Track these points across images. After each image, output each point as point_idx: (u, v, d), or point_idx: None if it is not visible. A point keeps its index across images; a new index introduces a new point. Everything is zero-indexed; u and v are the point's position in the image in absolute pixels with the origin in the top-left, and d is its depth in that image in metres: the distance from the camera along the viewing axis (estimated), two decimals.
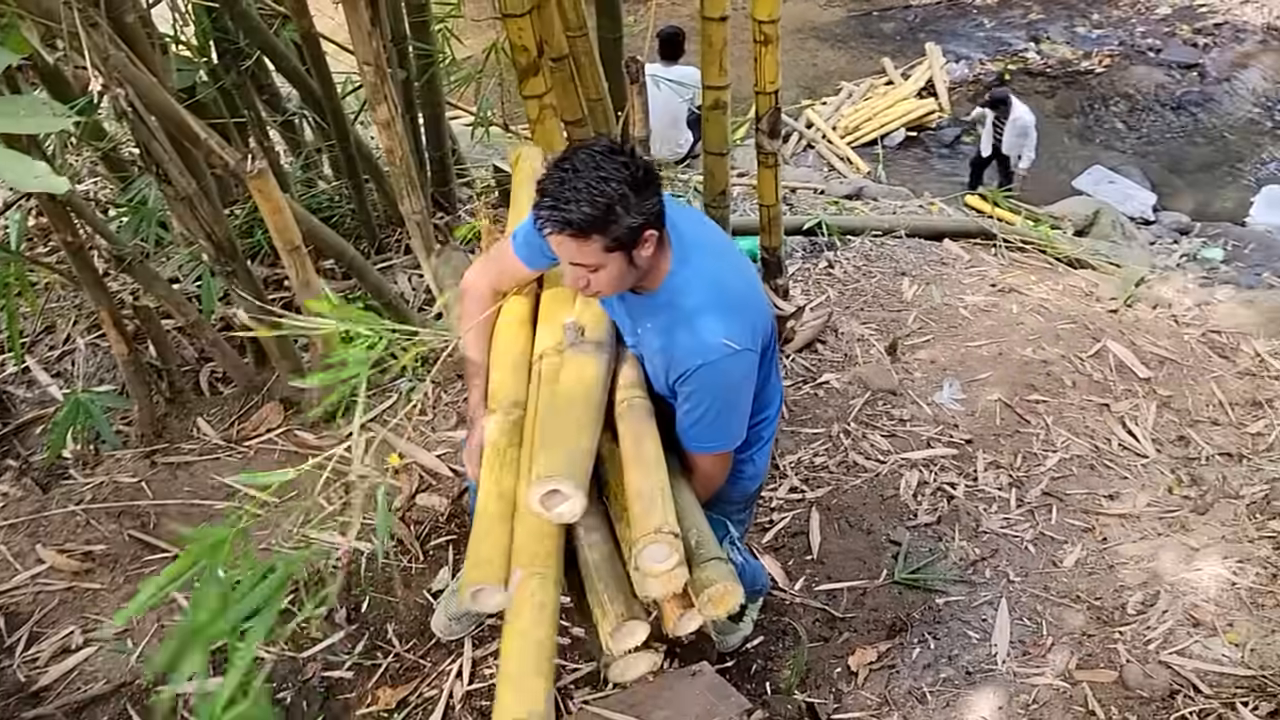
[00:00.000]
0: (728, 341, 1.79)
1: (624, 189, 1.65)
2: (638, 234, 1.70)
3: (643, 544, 1.60)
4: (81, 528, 2.63)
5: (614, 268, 1.73)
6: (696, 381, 1.82)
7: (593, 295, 1.84)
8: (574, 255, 1.70)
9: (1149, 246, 7.42)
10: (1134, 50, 9.70)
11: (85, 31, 2.11)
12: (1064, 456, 3.62)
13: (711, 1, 3.57)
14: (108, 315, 2.66)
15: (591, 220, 1.64)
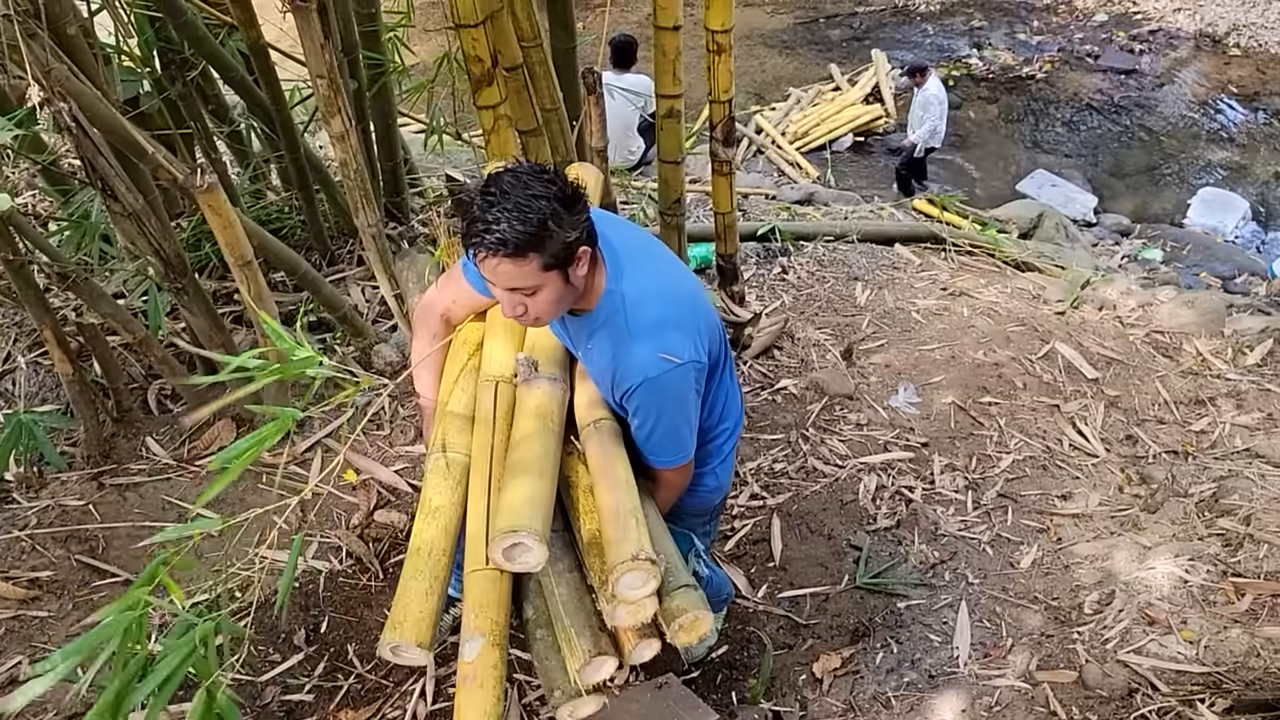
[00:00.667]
0: (667, 356, 1.78)
1: (555, 205, 1.63)
2: (572, 251, 1.68)
3: (619, 572, 1.58)
4: (27, 554, 2.55)
5: (551, 289, 1.69)
6: (640, 398, 1.81)
7: (532, 324, 1.79)
8: (511, 279, 1.65)
9: (1091, 248, 7.59)
10: (1073, 56, 9.92)
11: (26, 44, 2.05)
12: (1017, 458, 3.68)
13: (664, 11, 3.58)
14: (51, 333, 2.58)
15: (526, 238, 1.60)
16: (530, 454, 1.79)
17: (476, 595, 1.61)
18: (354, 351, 3.25)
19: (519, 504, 1.66)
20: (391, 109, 3.83)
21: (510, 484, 1.73)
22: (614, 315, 1.81)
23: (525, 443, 1.83)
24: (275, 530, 2.73)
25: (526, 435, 1.85)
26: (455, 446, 1.93)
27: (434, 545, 1.68)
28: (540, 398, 1.94)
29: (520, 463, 1.78)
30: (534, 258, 1.62)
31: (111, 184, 2.29)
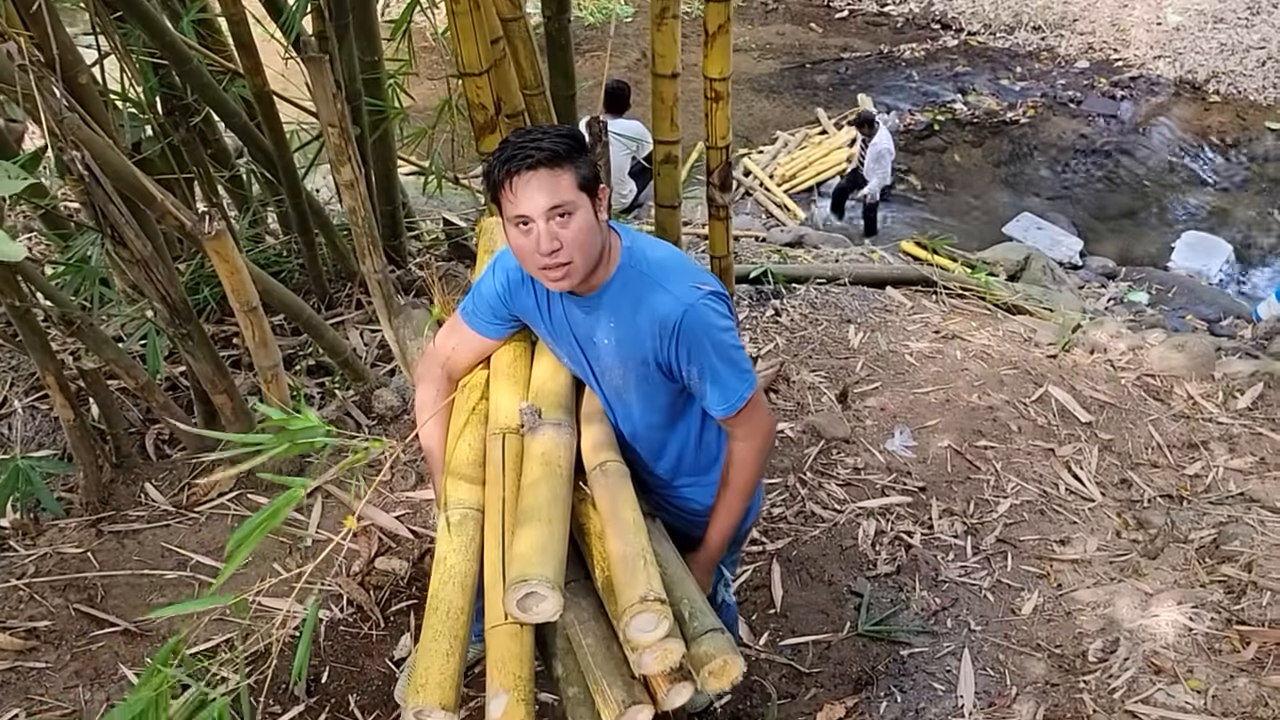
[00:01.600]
0: (696, 285, 1.82)
1: (575, 137, 1.76)
2: (598, 180, 1.77)
3: (629, 615, 1.56)
4: (24, 603, 2.51)
5: (584, 215, 1.74)
6: (687, 333, 1.80)
7: (565, 265, 1.75)
8: (549, 194, 1.69)
9: (1078, 290, 7.68)
10: (1056, 102, 10.09)
11: (40, 93, 2.06)
12: (1015, 502, 3.69)
13: (662, 59, 3.63)
14: (53, 379, 2.57)
15: (565, 145, 1.70)
16: (538, 501, 1.78)
17: (498, 651, 1.60)
18: (354, 396, 3.24)
19: (529, 552, 1.64)
20: (391, 154, 3.86)
21: (520, 533, 1.72)
22: (633, 269, 1.85)
23: (532, 490, 1.82)
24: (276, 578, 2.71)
25: (533, 482, 1.84)
26: (465, 501, 1.92)
27: (451, 604, 1.66)
28: (546, 444, 1.93)
29: (529, 510, 1.76)
30: (569, 171, 1.71)
31: (121, 231, 2.29)
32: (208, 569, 2.72)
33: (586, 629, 1.69)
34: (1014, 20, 11.09)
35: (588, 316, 1.91)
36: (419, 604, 2.76)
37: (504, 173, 1.71)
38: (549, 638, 1.76)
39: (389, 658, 2.68)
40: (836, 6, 12.01)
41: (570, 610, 1.69)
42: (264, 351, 2.61)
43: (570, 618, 1.68)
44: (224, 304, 3.79)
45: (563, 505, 1.80)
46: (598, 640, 1.67)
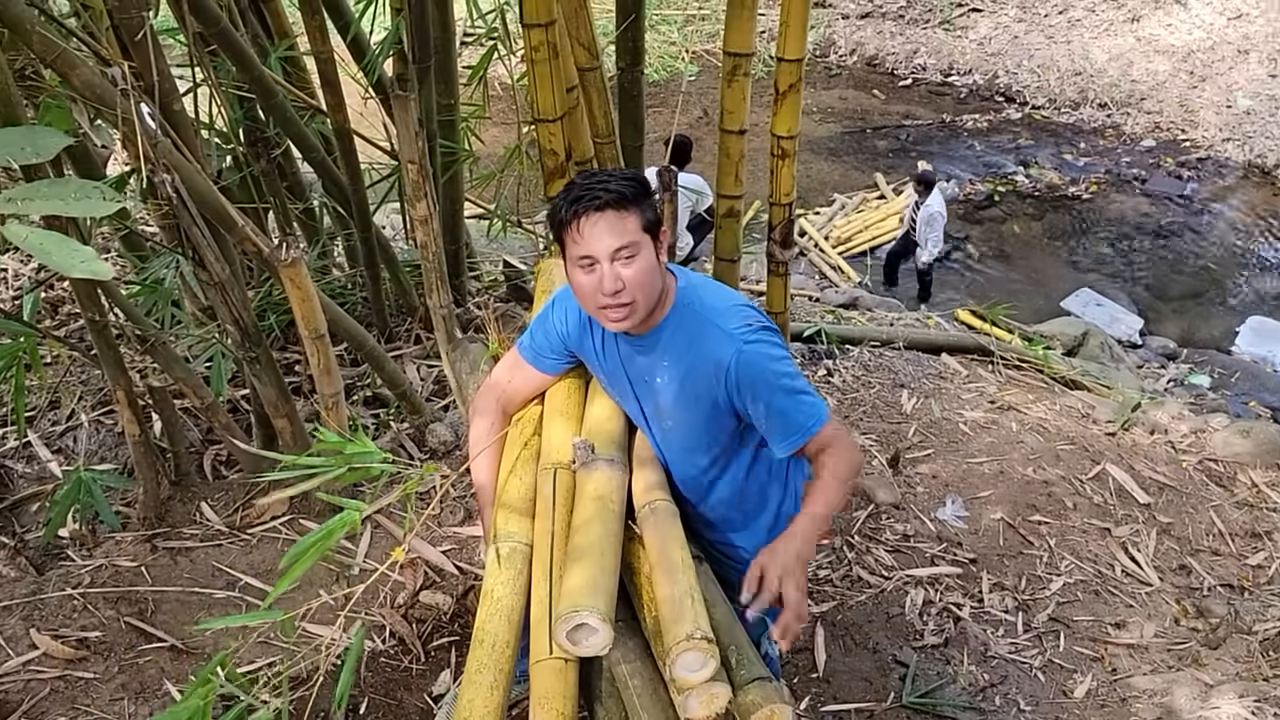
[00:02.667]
0: (747, 323, 1.82)
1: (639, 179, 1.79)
2: (659, 224, 1.80)
3: (675, 653, 1.53)
4: (78, 612, 2.55)
5: (647, 255, 1.76)
6: (745, 373, 1.80)
7: (627, 305, 1.77)
8: (615, 235, 1.72)
9: (1137, 370, 7.54)
10: (1120, 179, 10.02)
11: (138, 118, 2.14)
12: (1068, 581, 3.60)
13: (731, 115, 3.68)
14: (124, 395, 2.63)
15: (631, 188, 1.74)
16: (590, 536, 1.78)
17: (542, 687, 1.58)
18: (408, 429, 3.27)
19: (581, 585, 1.64)
20: (459, 195, 3.94)
21: (572, 568, 1.71)
22: (687, 308, 1.86)
23: (585, 526, 1.82)
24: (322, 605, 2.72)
25: (586, 519, 1.83)
26: (515, 535, 1.92)
27: (497, 637, 1.65)
28: (599, 480, 1.92)
29: (581, 546, 1.76)
30: (636, 212, 1.74)
31: (202, 253, 2.36)
32: (256, 590, 2.74)
33: (634, 669, 1.67)
34: (1079, 96, 11.07)
35: (643, 357, 1.93)
36: (460, 640, 2.75)
37: (571, 213, 1.74)
38: (593, 680, 1.74)
39: (427, 693, 2.67)
40: (900, 74, 12.08)
41: (617, 648, 1.68)
42: (327, 379, 2.65)
43: (617, 656, 1.67)
44: (288, 331, 3.87)
45: (615, 542, 1.79)
46: (645, 682, 1.65)
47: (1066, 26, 11.54)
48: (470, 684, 1.61)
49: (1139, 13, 11.44)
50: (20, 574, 2.71)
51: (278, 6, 3.60)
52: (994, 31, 11.87)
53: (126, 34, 2.33)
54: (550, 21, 2.91)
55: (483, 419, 2.15)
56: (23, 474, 3.23)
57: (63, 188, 2.00)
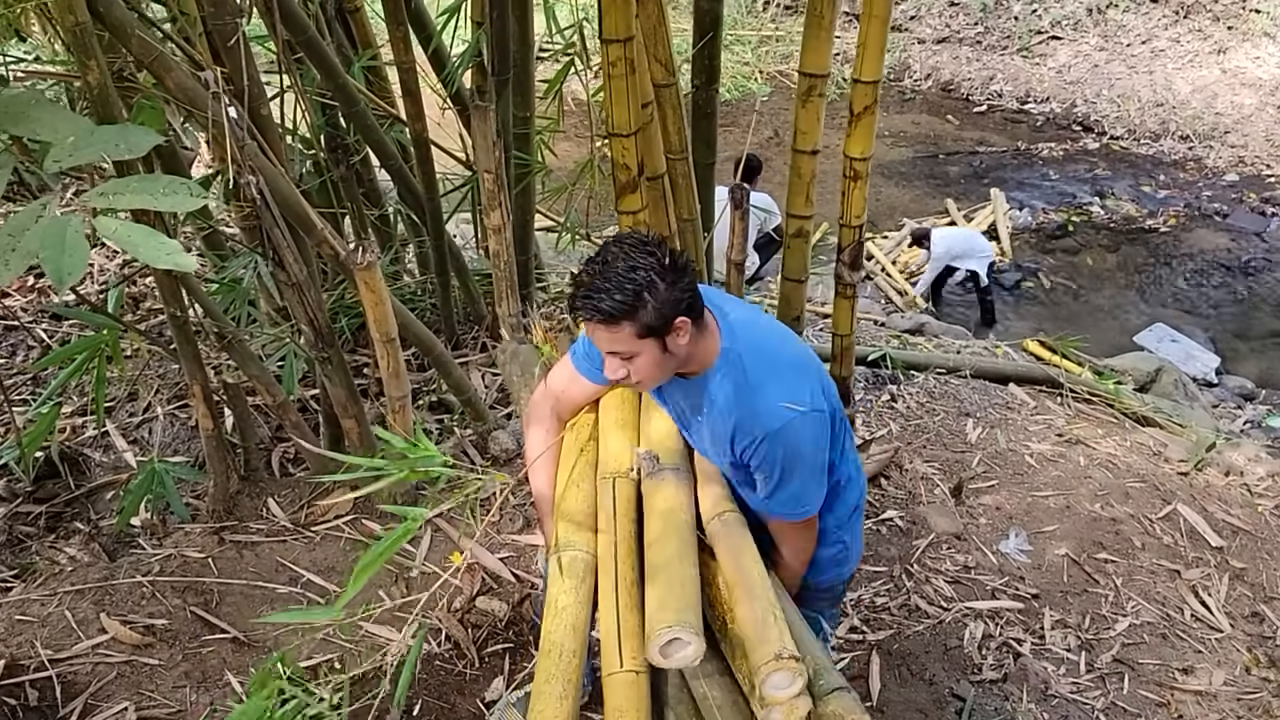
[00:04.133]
0: (790, 405, 1.81)
1: (652, 277, 1.71)
2: (667, 321, 1.74)
3: (764, 672, 1.55)
4: (146, 600, 2.62)
5: (648, 356, 1.76)
6: (765, 449, 1.83)
7: (635, 386, 1.86)
8: (608, 343, 1.75)
9: (1212, 409, 7.31)
10: (1200, 213, 9.76)
11: (228, 121, 2.21)
12: (1134, 622, 3.50)
13: (805, 136, 3.66)
14: (200, 390, 2.70)
15: (620, 307, 1.69)
16: (670, 550, 1.80)
17: (616, 700, 1.59)
18: (471, 435, 3.31)
19: (671, 600, 1.66)
20: (530, 206, 3.98)
21: (657, 580, 1.74)
22: (730, 370, 1.86)
23: (661, 540, 1.83)
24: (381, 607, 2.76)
25: (661, 532, 1.85)
26: (576, 544, 1.93)
27: (564, 646, 1.66)
28: (668, 491, 1.94)
29: (662, 559, 1.78)
30: (627, 325, 1.71)
31: (282, 254, 2.42)
32: (317, 587, 2.79)
33: (712, 682, 1.68)
34: (1160, 128, 10.83)
35: (689, 395, 1.95)
36: (515, 647, 2.77)
37: (572, 304, 1.77)
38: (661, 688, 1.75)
39: (480, 698, 2.68)
40: (975, 100, 11.93)
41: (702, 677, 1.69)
42: (396, 382, 2.70)
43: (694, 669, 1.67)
44: (358, 334, 3.94)
45: (691, 554, 1.82)
46: (725, 693, 1.66)
47: (1149, 57, 11.29)
48: (540, 695, 1.62)
49: (1225, 44, 11.16)
50: (93, 559, 2.80)
51: (362, 17, 3.69)
52: (1073, 59, 11.67)
53: (220, 40, 2.40)
54: (629, 37, 2.93)
55: (538, 427, 2.18)
56: (99, 462, 3.33)
57: (152, 183, 2.07)
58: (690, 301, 1.78)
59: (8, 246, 1.93)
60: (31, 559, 2.85)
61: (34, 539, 2.95)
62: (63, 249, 1.92)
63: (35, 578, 2.72)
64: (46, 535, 2.98)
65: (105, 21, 2.21)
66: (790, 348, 1.96)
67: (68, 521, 3.11)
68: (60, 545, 2.89)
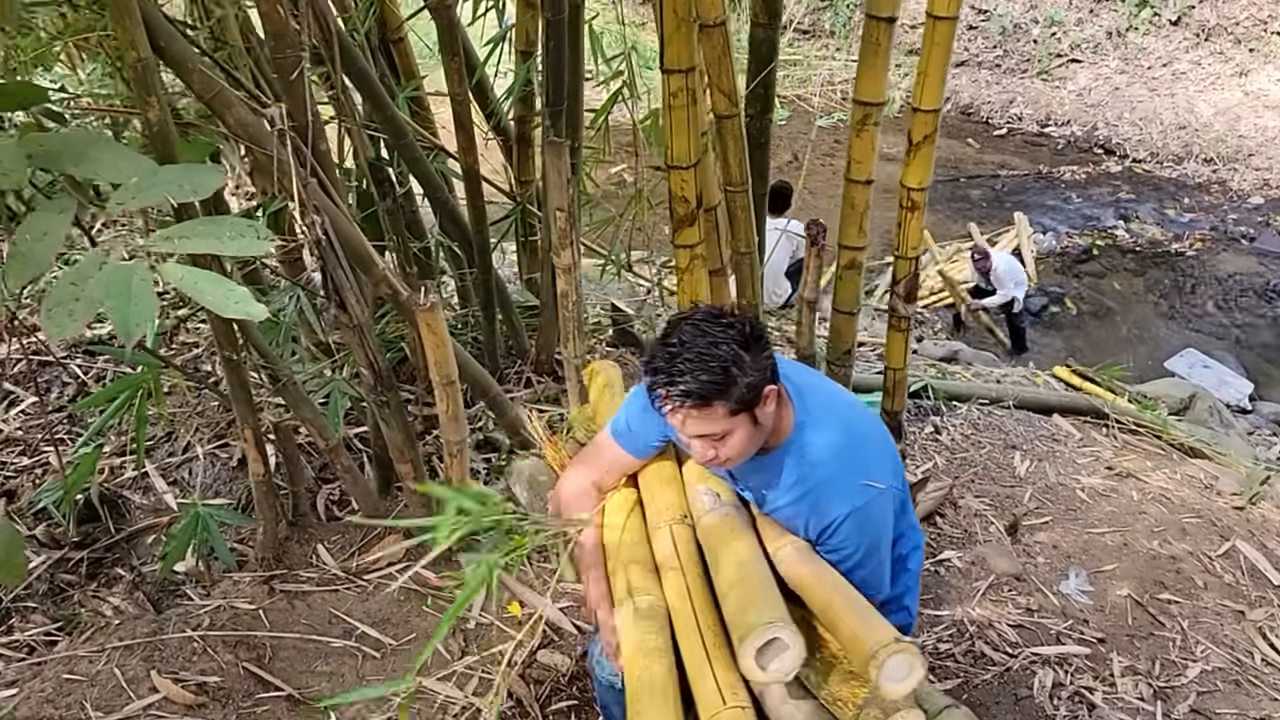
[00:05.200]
0: (870, 483, 1.77)
1: (735, 349, 1.66)
2: (757, 392, 1.69)
3: (882, 656, 1.46)
4: (197, 655, 2.51)
5: (741, 432, 1.71)
6: (846, 530, 1.78)
7: (722, 465, 1.79)
8: (698, 427, 1.69)
9: (1247, 437, 7.20)
10: (1226, 236, 9.68)
11: (294, 161, 2.12)
12: (1205, 668, 3.38)
13: (858, 165, 3.57)
14: (251, 432, 2.60)
15: (710, 387, 1.63)
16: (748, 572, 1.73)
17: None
18: None
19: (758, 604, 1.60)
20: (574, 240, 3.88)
21: (737, 595, 1.68)
22: (806, 448, 1.81)
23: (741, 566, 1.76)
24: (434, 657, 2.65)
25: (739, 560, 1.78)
26: (644, 590, 1.85)
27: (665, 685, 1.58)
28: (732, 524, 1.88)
29: (741, 580, 1.72)
30: (720, 405, 1.65)
31: (345, 296, 2.33)
32: (372, 640, 2.68)
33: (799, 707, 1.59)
34: (1183, 151, 10.77)
35: (762, 470, 1.88)
36: (580, 704, 2.65)
37: (653, 393, 1.71)
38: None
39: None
40: (995, 124, 11.90)
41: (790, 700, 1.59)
42: (454, 426, 2.59)
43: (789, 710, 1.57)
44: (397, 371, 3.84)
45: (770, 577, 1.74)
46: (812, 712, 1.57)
47: (1170, 79, 11.26)
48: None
49: (1247, 67, 11.12)
50: (139, 610, 2.69)
51: (406, 47, 3.61)
52: (1094, 83, 11.63)
53: (280, 74, 2.32)
54: (691, 68, 2.85)
55: (574, 477, 2.11)
56: (139, 505, 3.22)
57: (217, 226, 1.98)
58: (772, 367, 1.74)
59: (71, 296, 1.84)
60: (74, 609, 2.74)
61: (76, 587, 2.84)
62: (129, 298, 1.82)
63: (81, 631, 2.61)
64: (88, 583, 2.87)
65: (165, 57, 2.12)
66: (863, 419, 1.91)
67: (109, 568, 3.00)
68: (103, 594, 2.78)
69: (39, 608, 2.73)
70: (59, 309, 1.82)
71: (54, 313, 1.82)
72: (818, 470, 1.78)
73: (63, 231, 1.88)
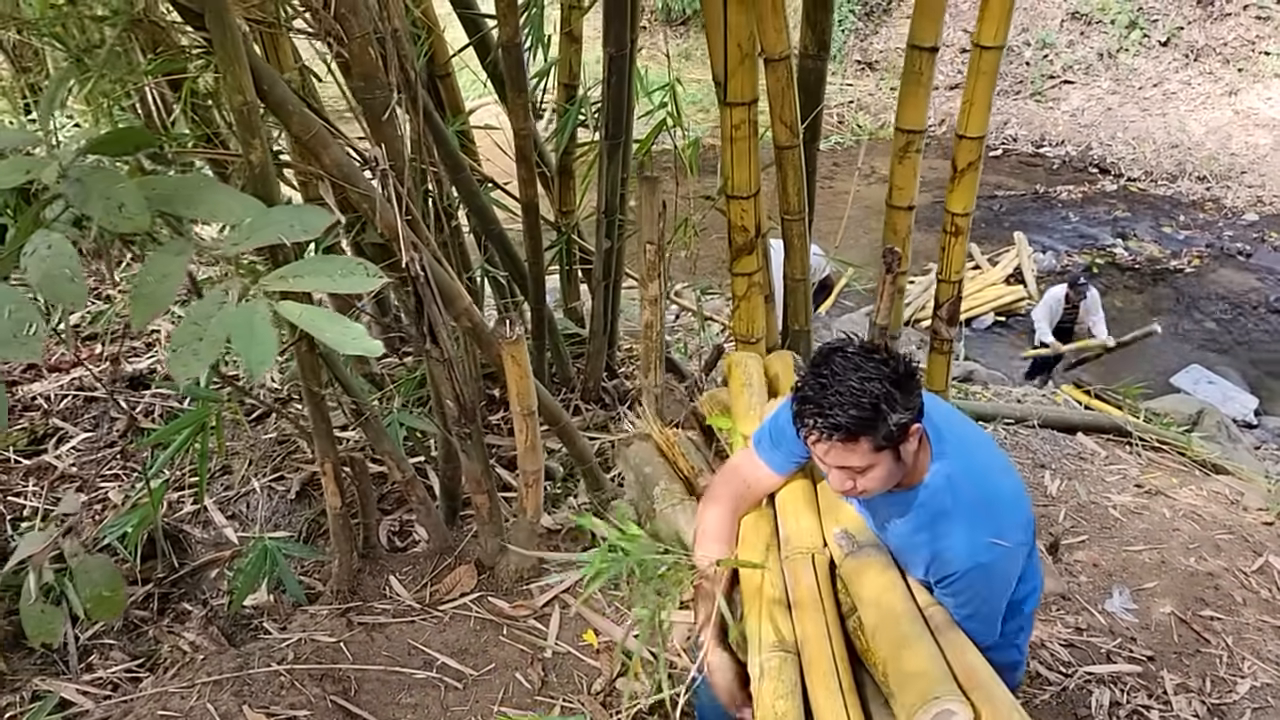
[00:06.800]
0: (998, 541, 1.75)
1: (887, 387, 1.65)
2: (904, 430, 1.68)
3: None
4: (285, 689, 2.51)
5: (882, 467, 1.70)
6: (967, 582, 1.77)
7: (858, 495, 1.79)
8: (842, 459, 1.69)
9: (1255, 451, 7.29)
10: (1223, 253, 9.84)
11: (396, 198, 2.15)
12: (1254, 685, 3.43)
13: (900, 191, 3.67)
14: (331, 466, 2.62)
15: (859, 423, 1.63)
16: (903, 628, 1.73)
17: None
18: (588, 504, 3.23)
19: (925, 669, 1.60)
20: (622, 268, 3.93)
21: (902, 655, 1.67)
22: (940, 493, 1.79)
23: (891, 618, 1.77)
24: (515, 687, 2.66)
25: (889, 610, 1.79)
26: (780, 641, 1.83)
27: None
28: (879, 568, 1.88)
29: (898, 637, 1.71)
30: (866, 441, 1.65)
31: (437, 330, 2.35)
32: (453, 671, 2.69)
33: None
34: (1177, 169, 10.95)
35: (893, 505, 1.87)
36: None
37: (799, 421, 1.72)
38: None
39: None
40: (990, 145, 12.04)
41: None
42: (531, 456, 2.62)
43: None
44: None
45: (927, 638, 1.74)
46: None
47: (1161, 99, 11.45)
48: None
49: (1236, 86, 11.33)
50: (217, 646, 2.69)
51: (453, 82, 3.66)
52: (1086, 103, 11.81)
53: (370, 114, 2.35)
54: (753, 100, 2.91)
55: (716, 506, 2.08)
56: (200, 539, 3.22)
57: (328, 265, 2.01)
58: (921, 406, 1.73)
59: (194, 336, 1.86)
60: (152, 645, 2.74)
61: (149, 623, 2.84)
62: (251, 337, 1.85)
63: (164, 667, 2.61)
64: (160, 619, 2.87)
65: (267, 100, 2.16)
66: (1002, 473, 1.88)
67: (175, 603, 3.00)
68: (178, 630, 2.78)
69: (116, 644, 2.73)
70: (184, 349, 1.84)
71: (179, 353, 1.84)
72: (949, 520, 1.77)
73: (182, 272, 1.90)
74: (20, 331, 1.74)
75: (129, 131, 2.04)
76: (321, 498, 3.39)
